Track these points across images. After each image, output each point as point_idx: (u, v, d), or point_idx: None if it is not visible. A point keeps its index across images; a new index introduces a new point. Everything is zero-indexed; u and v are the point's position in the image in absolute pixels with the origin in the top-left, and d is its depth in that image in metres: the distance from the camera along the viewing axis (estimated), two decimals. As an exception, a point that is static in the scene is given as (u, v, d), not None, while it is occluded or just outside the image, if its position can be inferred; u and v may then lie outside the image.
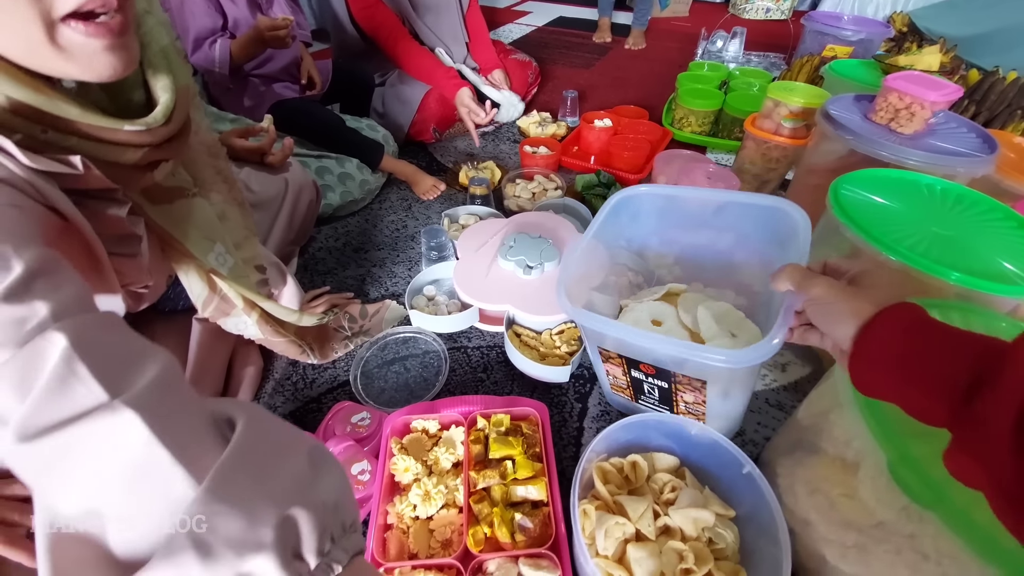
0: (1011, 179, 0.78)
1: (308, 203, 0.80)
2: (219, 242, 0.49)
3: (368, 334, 0.73)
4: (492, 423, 0.56)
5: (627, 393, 0.58)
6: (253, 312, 0.54)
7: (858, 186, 0.64)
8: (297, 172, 0.76)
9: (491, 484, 0.51)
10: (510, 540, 0.47)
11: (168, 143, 0.39)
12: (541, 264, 0.73)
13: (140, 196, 0.42)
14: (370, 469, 0.54)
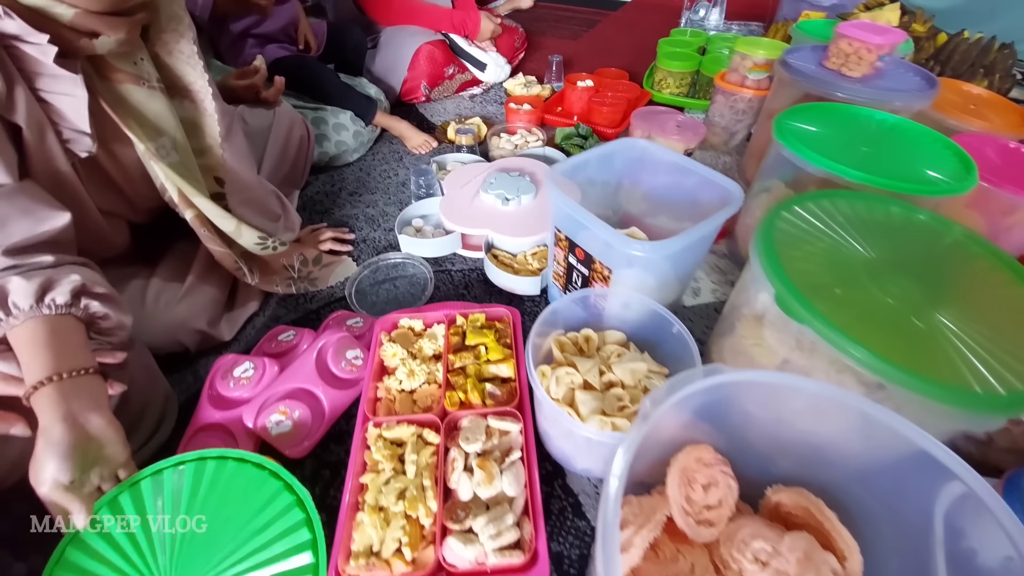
0: (953, 117, 0.86)
1: (299, 139, 0.87)
2: (167, 136, 0.56)
3: (314, 283, 0.76)
4: (470, 320, 0.64)
5: (561, 282, 0.67)
6: (189, 210, 0.59)
7: (800, 118, 0.71)
8: (287, 108, 0.84)
9: (466, 364, 0.59)
10: (481, 403, 0.55)
11: (109, 17, 0.46)
12: (518, 197, 0.80)
13: (87, 64, 0.49)
14: (362, 356, 0.62)
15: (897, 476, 0.36)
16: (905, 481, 0.36)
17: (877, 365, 0.36)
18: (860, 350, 0.37)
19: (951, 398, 0.36)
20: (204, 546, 0.45)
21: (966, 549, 0.32)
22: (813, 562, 0.35)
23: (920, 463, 0.34)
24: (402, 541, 0.44)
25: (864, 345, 0.37)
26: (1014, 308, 0.43)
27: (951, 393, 0.36)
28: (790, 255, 0.44)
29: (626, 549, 0.36)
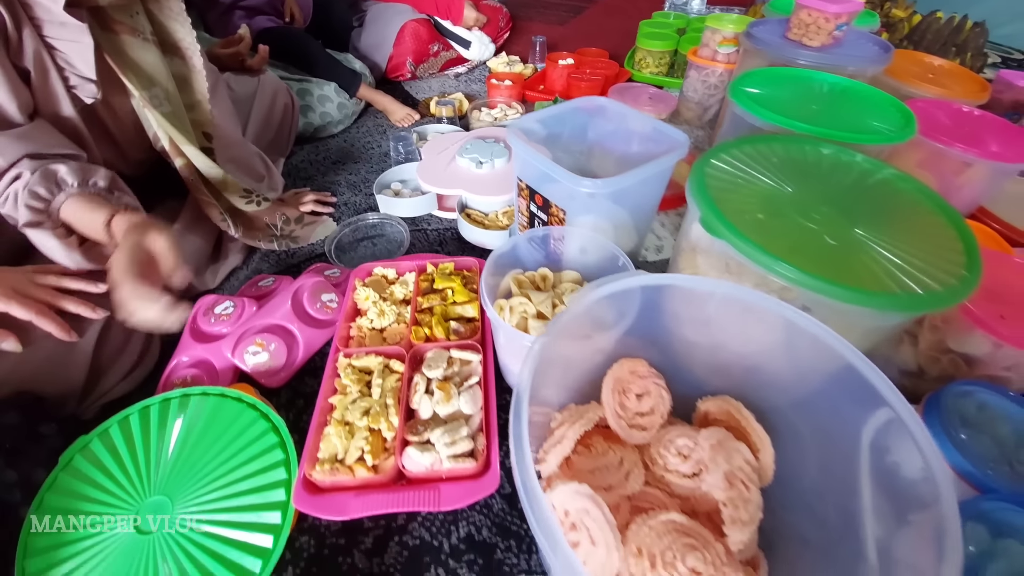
0: (910, 84, 0.89)
1: (284, 107, 0.91)
2: (159, 87, 0.60)
3: (295, 241, 0.79)
4: (439, 268, 0.68)
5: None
6: (179, 158, 0.63)
7: (754, 82, 0.75)
8: (271, 77, 0.88)
9: (433, 305, 0.63)
10: (445, 338, 0.59)
11: None
12: (492, 160, 0.84)
13: (90, 16, 0.53)
14: (337, 299, 0.66)
15: (826, 397, 0.39)
16: (833, 401, 0.38)
17: (795, 275, 0.40)
18: (778, 262, 0.40)
19: (870, 301, 0.38)
20: (188, 468, 0.49)
21: (889, 464, 0.33)
22: (725, 448, 0.39)
23: (843, 380, 0.35)
24: (364, 450, 0.48)
25: (781, 257, 0.40)
26: (930, 229, 0.46)
27: (870, 296, 0.38)
28: (718, 187, 0.48)
29: (559, 442, 0.40)
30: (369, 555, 0.46)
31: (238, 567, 0.43)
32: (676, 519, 0.36)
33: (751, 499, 0.36)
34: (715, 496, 0.37)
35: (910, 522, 0.30)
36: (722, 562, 0.34)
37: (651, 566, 0.34)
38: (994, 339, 0.49)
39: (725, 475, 0.37)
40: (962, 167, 0.77)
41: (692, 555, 0.34)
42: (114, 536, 0.45)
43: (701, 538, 0.35)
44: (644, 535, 0.35)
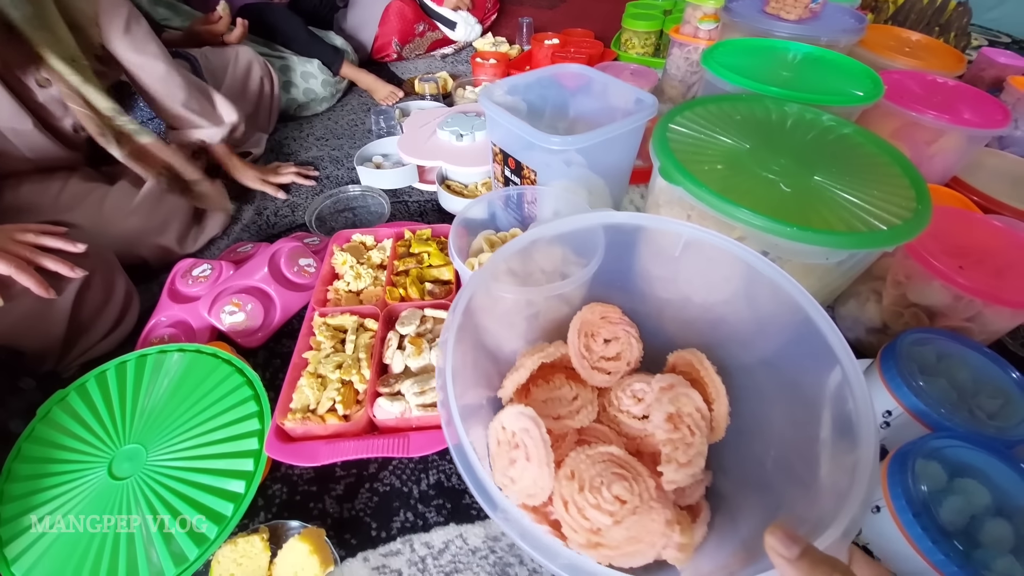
0: (885, 56, 0.90)
1: (260, 80, 0.91)
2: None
3: (201, 199, 0.76)
4: (417, 234, 0.69)
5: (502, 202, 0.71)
6: (62, 85, 0.58)
7: (727, 51, 0.76)
8: (246, 49, 0.88)
9: (409, 267, 0.64)
10: (420, 298, 0.60)
11: None
12: (472, 133, 0.85)
13: None
14: (315, 264, 0.66)
15: (784, 347, 0.39)
16: (790, 351, 0.38)
17: (750, 217, 0.41)
18: (733, 206, 0.41)
19: (824, 239, 0.39)
20: (163, 419, 0.50)
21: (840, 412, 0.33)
22: (674, 393, 0.39)
23: (798, 327, 0.36)
24: (336, 400, 0.49)
25: (737, 201, 0.41)
26: (885, 178, 0.47)
27: (823, 235, 0.39)
28: (679, 140, 0.49)
29: (517, 370, 0.41)
30: (340, 501, 0.47)
31: (210, 511, 0.44)
32: (615, 452, 0.38)
33: (693, 444, 0.37)
34: (657, 436, 0.38)
35: (845, 463, 0.30)
36: (650, 496, 0.35)
37: (580, 489, 0.35)
38: (953, 290, 0.50)
39: (669, 416, 0.38)
40: (935, 135, 0.78)
41: (619, 484, 0.35)
42: (88, 481, 0.46)
43: (633, 471, 0.36)
44: (580, 462, 0.37)
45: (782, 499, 0.35)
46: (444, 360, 0.34)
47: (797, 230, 0.38)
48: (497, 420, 0.39)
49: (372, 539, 0.45)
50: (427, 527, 0.46)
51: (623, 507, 0.35)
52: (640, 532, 0.34)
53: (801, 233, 0.38)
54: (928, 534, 0.34)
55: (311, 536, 0.41)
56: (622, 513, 0.35)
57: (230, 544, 0.41)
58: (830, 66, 0.72)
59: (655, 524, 0.34)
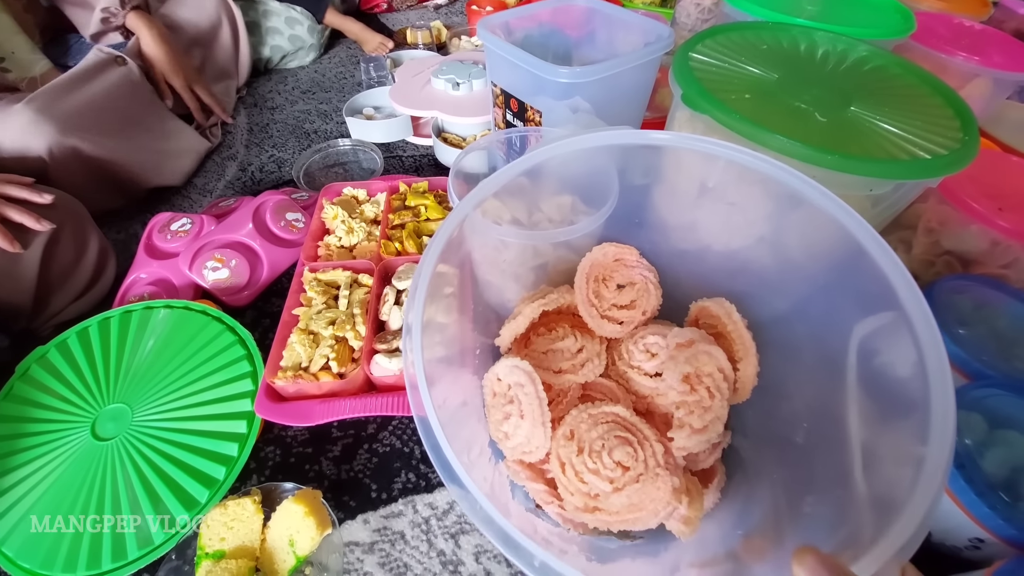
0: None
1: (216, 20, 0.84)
2: None
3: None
4: (413, 187, 0.64)
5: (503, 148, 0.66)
6: None
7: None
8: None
9: (405, 221, 0.59)
10: (417, 252, 0.56)
11: None
12: (469, 81, 0.79)
13: None
14: (304, 219, 0.62)
15: (820, 293, 0.35)
16: (828, 297, 0.34)
17: (787, 145, 0.36)
18: (768, 134, 0.37)
19: (875, 169, 0.35)
20: (149, 378, 0.47)
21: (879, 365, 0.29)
22: (694, 350, 0.35)
23: (840, 266, 0.31)
24: (330, 357, 0.46)
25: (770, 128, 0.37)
26: (927, 108, 0.43)
27: (874, 164, 0.35)
28: (702, 69, 0.44)
29: (514, 317, 0.38)
30: (337, 462, 0.45)
31: (200, 474, 0.42)
32: (620, 412, 0.34)
33: (711, 408, 0.33)
34: (670, 398, 0.35)
35: (900, 421, 0.26)
36: (656, 463, 0.32)
37: (579, 452, 0.32)
38: (993, 233, 0.47)
39: (685, 377, 0.34)
40: (962, 82, 0.73)
41: (622, 449, 0.32)
42: (70, 442, 0.43)
43: (639, 435, 0.33)
44: (580, 421, 0.34)
45: (813, 483, 0.30)
46: (413, 310, 0.29)
47: (840, 158, 0.34)
48: (492, 371, 0.36)
49: (372, 501, 0.42)
50: (430, 487, 0.43)
51: (625, 474, 0.32)
52: (643, 499, 0.32)
53: (845, 161, 0.34)
54: (972, 487, 0.32)
55: (306, 497, 0.39)
56: (623, 480, 0.32)
57: (220, 508, 0.38)
58: (857, 1, 0.67)
59: (660, 492, 0.32)
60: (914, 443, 0.23)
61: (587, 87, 0.52)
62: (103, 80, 0.65)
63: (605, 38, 0.68)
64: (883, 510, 0.22)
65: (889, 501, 0.22)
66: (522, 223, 0.52)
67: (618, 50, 0.67)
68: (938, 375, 0.24)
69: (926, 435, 0.22)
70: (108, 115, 0.64)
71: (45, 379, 0.48)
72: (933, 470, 0.21)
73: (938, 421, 0.22)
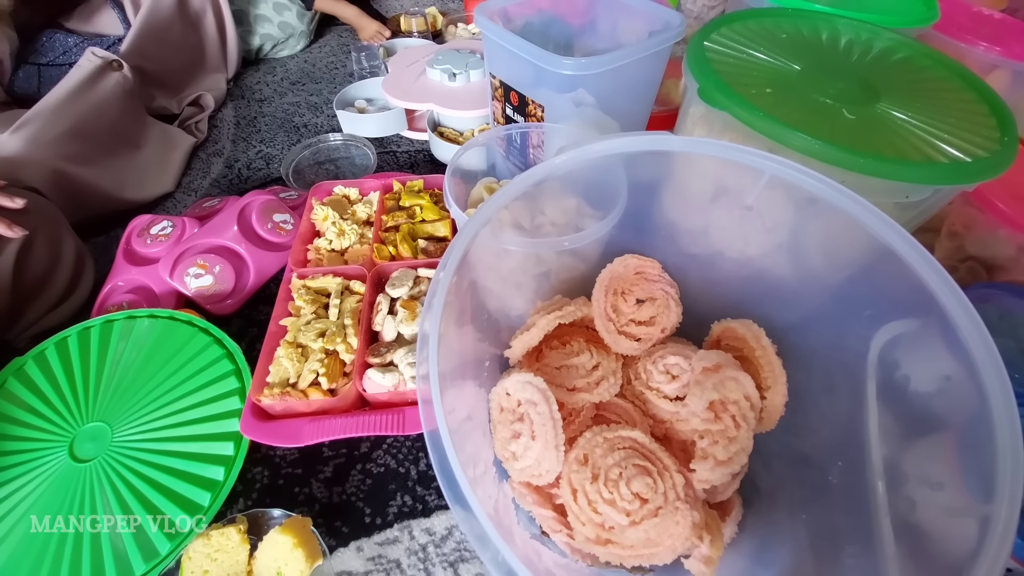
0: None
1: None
2: None
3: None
4: (407, 186, 0.61)
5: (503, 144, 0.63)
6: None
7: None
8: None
9: (400, 223, 0.56)
10: (412, 257, 0.53)
11: None
12: (466, 72, 0.75)
13: None
14: (292, 221, 0.59)
15: (841, 305, 0.33)
16: (850, 309, 0.32)
17: (813, 145, 0.33)
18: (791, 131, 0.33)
19: (910, 173, 0.32)
20: (130, 394, 0.45)
21: (900, 378, 0.28)
22: (721, 376, 0.33)
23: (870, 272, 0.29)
24: (319, 372, 0.43)
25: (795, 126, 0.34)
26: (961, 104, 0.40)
27: (909, 167, 0.32)
28: (718, 59, 0.41)
29: (527, 329, 0.35)
30: (329, 484, 0.42)
31: (183, 499, 0.39)
32: (638, 438, 0.32)
33: (737, 439, 0.31)
34: (692, 425, 0.32)
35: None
36: (676, 496, 0.30)
37: (593, 478, 0.30)
38: (1022, 239, 0.44)
39: (712, 404, 0.32)
40: (982, 72, 0.70)
41: (641, 479, 0.29)
42: (47, 464, 0.41)
43: (660, 464, 0.31)
44: (595, 445, 0.31)
45: (841, 532, 0.28)
46: (430, 325, 0.27)
47: (873, 160, 0.31)
48: (501, 385, 0.34)
49: (366, 526, 0.40)
50: (427, 511, 0.41)
51: (643, 506, 0.29)
52: (660, 535, 0.29)
53: (879, 164, 0.31)
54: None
55: (295, 526, 0.36)
56: (641, 513, 0.29)
57: (203, 538, 0.36)
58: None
59: (679, 528, 0.29)
60: (970, 493, 0.20)
61: (592, 80, 0.48)
62: (97, 92, 0.61)
63: (608, 27, 0.65)
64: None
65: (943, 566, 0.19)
66: (524, 227, 0.49)
67: (622, 40, 0.63)
68: (1003, 410, 0.21)
69: (992, 489, 0.19)
70: (101, 134, 0.61)
71: (22, 393, 0.45)
72: (1003, 532, 0.18)
73: (1005, 467, 0.19)
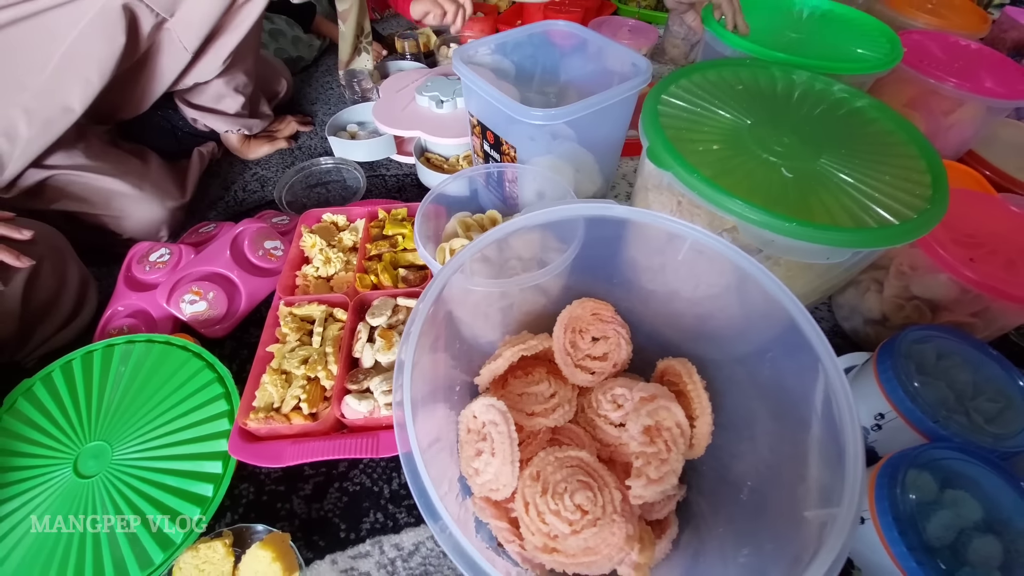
0: (905, 14, 0.83)
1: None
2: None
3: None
4: (391, 214, 0.64)
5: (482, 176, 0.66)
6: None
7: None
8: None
9: (382, 252, 0.60)
10: (393, 285, 0.56)
11: None
12: (453, 99, 0.78)
13: None
14: (282, 247, 0.62)
15: (774, 348, 0.36)
16: (779, 353, 0.35)
17: (743, 210, 0.36)
18: (725, 196, 0.37)
19: (822, 236, 0.35)
20: (129, 415, 0.48)
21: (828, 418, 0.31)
22: (655, 404, 0.36)
23: (787, 330, 0.32)
24: (301, 398, 0.47)
25: (730, 191, 0.37)
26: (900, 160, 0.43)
27: (822, 231, 0.35)
28: (673, 114, 0.44)
29: (495, 359, 0.39)
30: (308, 501, 0.46)
31: (177, 515, 0.43)
32: (584, 458, 0.36)
33: (668, 460, 0.35)
34: (631, 448, 0.36)
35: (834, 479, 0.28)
36: (614, 508, 0.33)
37: (543, 492, 0.34)
38: (962, 284, 0.47)
39: (646, 429, 0.35)
40: (953, 105, 0.72)
41: (583, 493, 0.33)
42: (54, 478, 0.45)
43: (600, 481, 0.35)
44: (547, 464, 0.35)
45: (751, 536, 0.33)
46: (404, 359, 0.32)
47: (796, 226, 0.34)
48: (469, 408, 0.38)
49: (341, 541, 0.44)
50: (397, 528, 0.44)
51: (584, 517, 0.33)
52: (598, 544, 0.33)
53: (800, 229, 0.34)
54: (913, 555, 0.33)
55: (274, 542, 0.40)
56: (581, 523, 0.33)
57: (191, 550, 0.40)
58: (844, 24, 0.65)
59: (614, 538, 0.33)
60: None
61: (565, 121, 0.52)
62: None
63: (594, 51, 0.67)
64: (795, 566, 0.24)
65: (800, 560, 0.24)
66: (491, 260, 0.52)
67: (607, 64, 0.65)
68: (853, 459, 0.25)
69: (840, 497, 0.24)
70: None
71: (31, 413, 0.49)
72: (838, 531, 0.23)
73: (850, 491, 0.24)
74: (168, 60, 0.60)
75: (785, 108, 0.48)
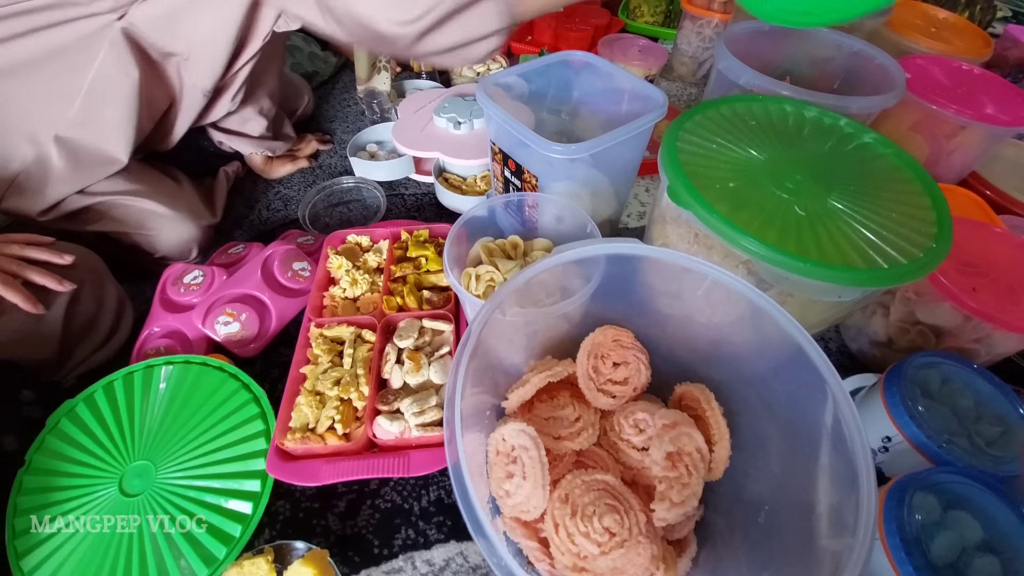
0: (909, 38, 0.85)
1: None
2: None
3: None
4: (414, 235, 0.67)
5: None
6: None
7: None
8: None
9: (406, 274, 0.62)
10: (418, 307, 0.59)
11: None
12: (470, 120, 0.80)
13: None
14: (310, 268, 0.65)
15: (786, 373, 0.38)
16: (791, 377, 0.37)
17: (758, 249, 0.39)
18: (741, 235, 0.39)
19: (832, 275, 0.38)
20: (171, 435, 0.50)
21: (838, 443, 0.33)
22: (676, 430, 0.39)
23: (796, 359, 0.35)
24: (335, 419, 0.49)
25: (746, 229, 0.39)
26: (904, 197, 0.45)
27: (831, 271, 0.38)
28: (690, 151, 0.46)
29: (523, 385, 0.41)
30: (342, 518, 0.48)
31: (219, 531, 0.45)
32: (610, 481, 0.38)
33: (689, 484, 0.37)
34: (654, 472, 0.38)
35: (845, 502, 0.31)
36: (639, 531, 0.35)
37: (572, 514, 0.36)
38: (964, 312, 0.49)
39: (668, 455, 0.38)
40: (956, 130, 0.75)
41: (611, 516, 0.35)
42: (100, 497, 0.47)
43: (626, 504, 0.37)
44: (575, 487, 0.37)
45: (771, 559, 0.35)
46: (454, 388, 0.34)
47: (811, 266, 0.37)
48: (498, 432, 0.40)
49: (375, 556, 0.46)
50: (428, 544, 0.47)
51: (611, 539, 0.35)
52: (625, 564, 0.35)
53: (813, 269, 0.37)
54: (919, 574, 0.35)
55: (315, 559, 0.42)
56: (610, 545, 0.35)
57: (236, 567, 0.42)
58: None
59: (641, 559, 0.35)
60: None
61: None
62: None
63: (606, 70, 0.69)
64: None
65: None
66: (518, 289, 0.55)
67: (618, 83, 0.67)
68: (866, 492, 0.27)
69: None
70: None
71: (75, 433, 0.51)
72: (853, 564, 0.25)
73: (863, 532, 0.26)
74: (189, 101, 0.63)
75: (796, 143, 0.50)
